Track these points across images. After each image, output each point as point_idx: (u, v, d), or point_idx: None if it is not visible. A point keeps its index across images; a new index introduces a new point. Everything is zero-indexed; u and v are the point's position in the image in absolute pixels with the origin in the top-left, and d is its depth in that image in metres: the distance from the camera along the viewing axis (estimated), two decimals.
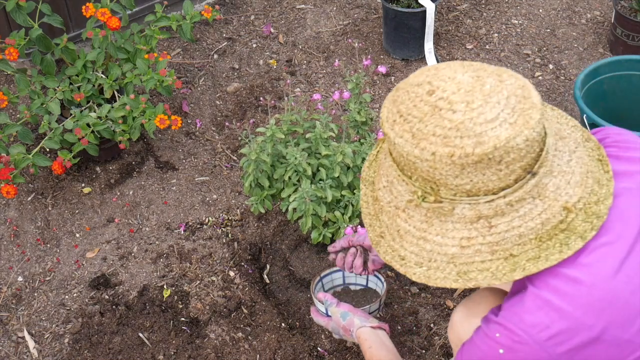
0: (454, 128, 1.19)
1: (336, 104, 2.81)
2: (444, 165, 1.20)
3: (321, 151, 2.13)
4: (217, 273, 2.42)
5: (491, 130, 1.18)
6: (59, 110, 2.52)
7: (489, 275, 1.26)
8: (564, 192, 1.26)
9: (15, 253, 2.52)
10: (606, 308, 1.24)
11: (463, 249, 1.27)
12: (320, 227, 2.17)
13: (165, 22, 2.66)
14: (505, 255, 1.26)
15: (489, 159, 1.19)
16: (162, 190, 2.71)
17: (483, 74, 1.23)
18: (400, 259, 1.33)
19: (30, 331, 2.30)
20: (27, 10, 2.51)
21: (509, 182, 1.23)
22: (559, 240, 1.25)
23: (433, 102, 1.21)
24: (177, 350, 2.22)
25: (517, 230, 1.25)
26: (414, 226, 1.30)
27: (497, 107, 1.19)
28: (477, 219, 1.25)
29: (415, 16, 3.08)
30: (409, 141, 1.22)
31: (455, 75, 1.23)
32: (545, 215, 1.25)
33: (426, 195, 1.26)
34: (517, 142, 1.18)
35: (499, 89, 1.21)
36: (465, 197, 1.24)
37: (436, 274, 1.29)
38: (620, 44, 3.12)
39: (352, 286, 2.21)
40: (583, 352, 1.25)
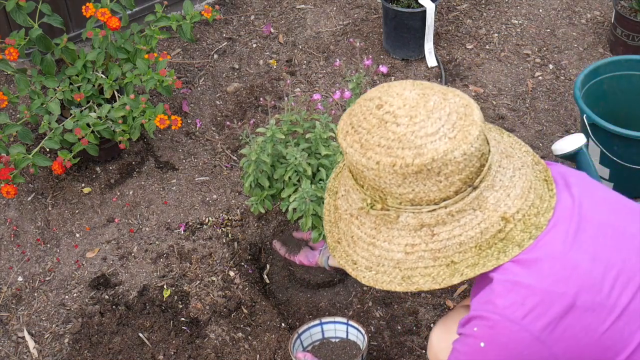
0: (396, 140, 1.28)
1: (336, 104, 2.81)
2: (387, 174, 1.29)
3: (321, 151, 2.13)
4: (217, 273, 2.42)
5: (430, 143, 1.27)
6: (59, 110, 2.52)
7: (430, 280, 1.35)
8: (503, 204, 1.34)
9: (15, 253, 2.52)
10: (571, 275, 1.30)
11: (407, 255, 1.35)
12: (320, 227, 2.17)
13: (165, 22, 2.66)
14: (447, 262, 1.34)
15: (427, 169, 1.27)
16: (162, 190, 2.71)
17: (429, 92, 1.32)
18: (353, 263, 1.42)
19: (30, 331, 2.30)
20: (27, 10, 2.50)
21: (449, 193, 1.31)
22: (498, 248, 1.33)
23: (380, 115, 1.31)
24: (177, 350, 2.22)
25: (458, 239, 1.33)
26: (365, 232, 1.39)
27: (438, 122, 1.28)
28: (420, 227, 1.34)
29: (415, 16, 3.08)
30: (357, 151, 1.32)
31: (403, 92, 1.32)
32: (484, 224, 1.33)
33: (374, 203, 1.35)
34: (454, 155, 1.27)
35: (442, 105, 1.30)
36: (409, 206, 1.33)
37: (383, 277, 1.38)
38: (620, 44, 3.12)
39: (332, 339, 2.19)
40: (562, 324, 1.28)
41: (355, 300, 2.34)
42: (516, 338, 1.28)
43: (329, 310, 2.32)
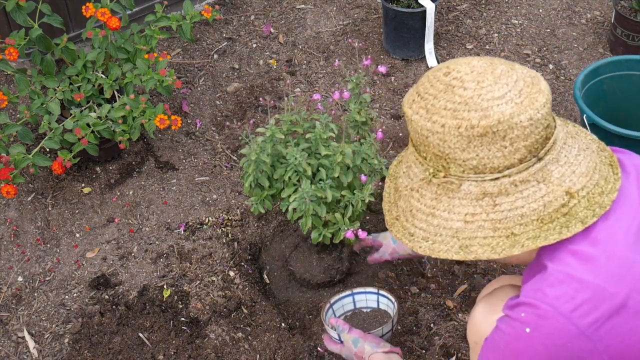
0: (463, 102, 1.29)
1: (336, 104, 2.81)
2: (452, 137, 1.30)
3: (321, 151, 2.13)
4: (217, 273, 2.42)
5: (497, 106, 1.28)
6: (59, 110, 2.52)
7: (489, 250, 1.34)
8: (568, 179, 1.33)
9: (15, 253, 2.52)
10: (625, 275, 1.29)
11: (467, 224, 1.35)
12: (320, 227, 2.17)
13: (165, 22, 2.66)
14: (507, 233, 1.34)
15: (493, 132, 1.28)
16: (162, 190, 2.71)
17: (497, 62, 1.35)
18: (410, 235, 1.43)
19: (30, 331, 2.30)
20: (27, 10, 2.51)
21: (513, 161, 1.31)
22: (560, 223, 1.32)
23: (447, 81, 1.32)
24: (177, 350, 2.22)
25: (520, 211, 1.33)
26: (424, 204, 1.40)
27: (505, 88, 1.29)
28: (483, 196, 1.33)
29: (415, 16, 3.08)
30: (423, 116, 1.33)
31: (471, 61, 1.35)
32: (547, 198, 1.32)
33: (437, 172, 1.36)
34: (520, 119, 1.28)
35: (510, 73, 1.32)
36: (472, 174, 1.33)
37: (440, 246, 1.38)
38: (620, 44, 3.12)
39: (364, 309, 2.20)
40: (610, 322, 1.28)
41: None
42: (562, 330, 1.27)
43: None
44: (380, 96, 3.06)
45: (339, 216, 2.14)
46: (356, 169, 2.16)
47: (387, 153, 2.79)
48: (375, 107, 2.99)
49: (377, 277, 2.39)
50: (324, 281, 2.36)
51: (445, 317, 2.28)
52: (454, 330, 2.24)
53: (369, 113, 2.23)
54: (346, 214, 2.15)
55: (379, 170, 2.20)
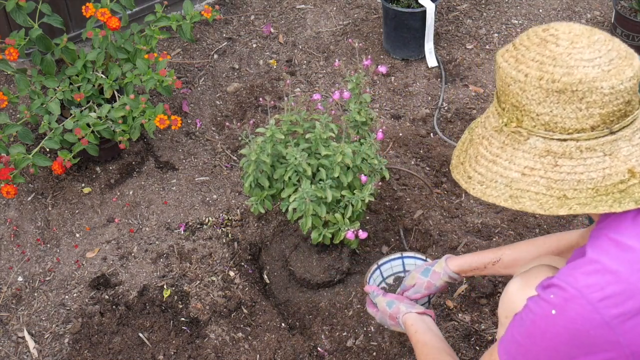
0: (551, 57, 1.32)
1: (336, 104, 2.81)
2: (532, 87, 1.33)
3: (321, 151, 2.13)
4: (217, 273, 2.42)
5: (583, 67, 1.30)
6: (59, 110, 2.52)
7: (537, 205, 1.37)
8: (635, 159, 1.35)
9: (15, 253, 2.52)
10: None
11: (524, 176, 1.38)
12: (320, 227, 2.17)
13: (165, 22, 2.66)
14: (559, 194, 1.36)
15: (572, 91, 1.30)
16: (162, 190, 2.71)
17: (597, 30, 1.36)
18: (468, 177, 1.47)
19: (30, 331, 2.30)
20: (27, 10, 2.51)
21: (585, 126, 1.33)
22: (614, 197, 1.34)
23: (544, 36, 1.35)
24: (177, 350, 2.22)
25: (578, 176, 1.35)
26: (489, 151, 1.43)
27: (596, 53, 1.31)
28: (546, 153, 1.36)
29: (415, 16, 3.08)
30: (511, 64, 1.36)
31: (572, 24, 1.37)
32: (609, 171, 1.34)
33: (509, 122, 1.39)
34: (602, 85, 1.29)
35: (606, 43, 1.33)
36: (542, 131, 1.35)
37: (492, 192, 1.42)
38: None
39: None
40: (636, 318, 1.28)
41: (355, 300, 2.34)
42: (587, 317, 1.28)
43: (328, 310, 2.32)
44: (380, 96, 3.06)
45: (339, 216, 2.14)
46: (356, 169, 2.16)
47: (387, 153, 2.79)
48: (375, 107, 2.99)
49: None
50: (324, 281, 2.36)
51: (445, 317, 2.28)
52: (454, 330, 2.25)
53: (369, 113, 2.23)
54: (346, 214, 2.15)
55: (379, 170, 2.20)
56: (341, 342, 2.24)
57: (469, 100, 3.02)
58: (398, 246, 2.49)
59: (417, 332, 1.86)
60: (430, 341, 1.82)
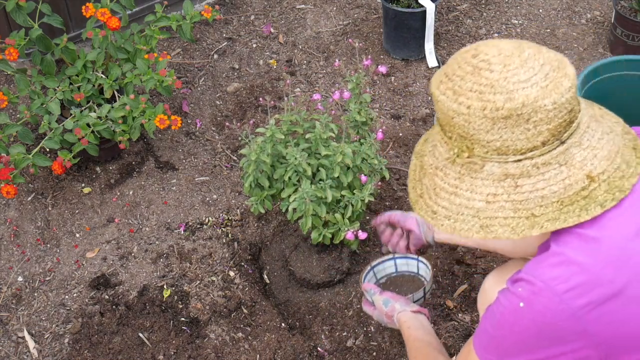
0: (489, 85, 1.31)
1: (336, 104, 2.81)
2: (477, 118, 1.32)
3: (321, 151, 2.13)
4: (217, 273, 2.42)
5: (522, 89, 1.30)
6: (59, 110, 2.52)
7: (509, 230, 1.37)
8: (590, 163, 1.36)
9: (15, 253, 2.52)
10: (625, 265, 1.31)
11: (488, 204, 1.38)
12: (320, 228, 2.17)
13: (165, 22, 2.66)
14: (527, 214, 1.36)
15: (517, 115, 1.30)
16: (162, 190, 2.71)
17: (525, 45, 1.36)
18: (432, 213, 1.45)
19: (30, 331, 2.30)
20: (27, 10, 2.50)
21: (536, 143, 1.33)
22: (580, 205, 1.34)
23: (475, 63, 1.34)
24: (177, 350, 2.22)
25: (541, 192, 1.35)
26: (448, 183, 1.42)
27: (531, 71, 1.31)
28: (505, 177, 1.36)
29: (415, 16, 3.08)
30: (449, 97, 1.35)
31: (499, 43, 1.37)
32: (568, 181, 1.35)
33: (461, 153, 1.38)
34: (545, 103, 1.29)
35: (537, 57, 1.33)
36: (496, 156, 1.35)
37: (461, 225, 1.41)
38: (620, 44, 3.12)
39: (406, 273, 2.21)
40: (603, 308, 1.29)
41: (355, 300, 2.34)
42: (554, 309, 1.30)
43: (328, 310, 2.32)
44: (380, 96, 3.06)
45: (339, 216, 2.14)
46: (356, 169, 2.16)
47: (387, 153, 2.79)
48: (375, 107, 2.99)
49: None
50: (324, 281, 2.36)
51: (445, 317, 2.28)
52: (454, 330, 2.25)
53: (369, 113, 2.23)
54: (346, 214, 2.15)
55: (379, 170, 2.20)
56: (341, 342, 2.24)
57: None
58: None
59: (410, 329, 1.89)
60: (422, 337, 1.85)
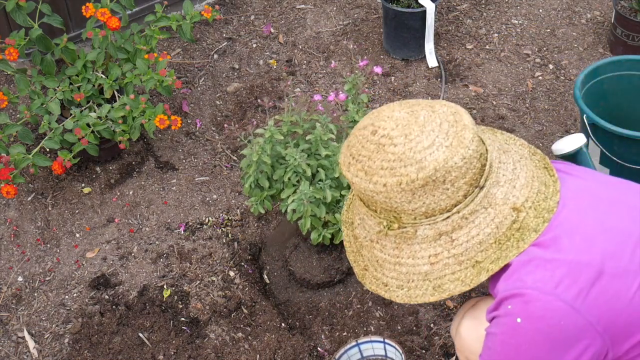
0: (397, 159, 1.33)
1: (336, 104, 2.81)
2: (396, 193, 1.34)
3: (321, 152, 2.13)
4: (217, 273, 2.42)
5: (430, 155, 1.32)
6: (59, 110, 2.53)
7: (460, 284, 1.39)
8: (512, 196, 1.39)
9: (15, 253, 2.52)
10: (592, 245, 1.34)
11: (433, 265, 1.40)
12: (320, 228, 2.17)
13: (165, 22, 2.66)
14: (472, 263, 1.38)
15: (433, 180, 1.32)
16: (162, 190, 2.71)
17: (417, 108, 1.38)
18: (384, 285, 1.46)
19: (30, 331, 2.30)
20: (27, 10, 2.51)
21: (458, 198, 1.36)
22: (516, 238, 1.37)
23: (376, 140, 1.36)
24: (177, 350, 2.22)
25: (477, 239, 1.37)
26: (388, 254, 1.44)
27: (432, 134, 1.33)
28: (439, 236, 1.38)
29: (415, 16, 3.08)
30: (363, 178, 1.36)
31: (392, 113, 1.39)
32: (497, 219, 1.38)
33: (391, 224, 1.40)
34: (455, 161, 1.32)
35: (432, 118, 1.36)
36: (424, 219, 1.37)
37: (415, 292, 1.42)
38: (620, 44, 3.12)
39: (372, 357, 2.17)
40: (593, 291, 1.31)
41: (355, 300, 2.34)
42: (552, 308, 1.30)
43: (328, 310, 2.32)
44: (380, 96, 3.06)
45: (338, 217, 2.15)
46: None
47: None
48: (375, 107, 2.99)
49: None
50: (323, 281, 2.36)
51: (445, 317, 2.28)
52: None
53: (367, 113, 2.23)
54: None
55: None
56: (341, 342, 2.24)
57: (469, 100, 3.02)
58: None
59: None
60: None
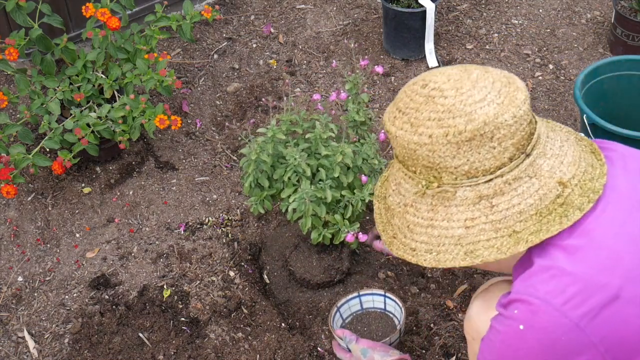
0: (446, 111, 1.31)
1: (336, 104, 2.81)
2: (441, 146, 1.31)
3: (321, 151, 2.13)
4: (217, 273, 2.42)
5: (480, 109, 1.30)
6: (59, 110, 2.53)
7: (495, 251, 1.34)
8: (558, 170, 1.36)
9: (15, 253, 2.52)
10: (616, 267, 1.29)
11: (468, 229, 1.36)
12: (320, 228, 2.17)
13: (165, 22, 2.66)
14: (509, 232, 1.34)
15: (480, 135, 1.29)
16: (162, 190, 2.71)
17: (470, 67, 1.37)
18: (412, 250, 1.42)
19: (30, 331, 2.30)
20: (27, 10, 2.51)
21: (504, 160, 1.33)
22: (558, 213, 1.34)
23: (426, 92, 1.34)
24: (177, 350, 2.22)
25: (518, 208, 1.34)
26: (421, 217, 1.40)
27: (484, 90, 1.31)
28: (479, 199, 1.34)
29: (415, 16, 3.08)
30: (408, 131, 1.33)
31: (445, 70, 1.37)
32: (542, 191, 1.34)
33: (429, 184, 1.36)
34: (505, 118, 1.30)
35: (485, 76, 1.34)
36: (466, 180, 1.34)
37: (445, 256, 1.38)
38: (620, 44, 3.12)
39: (371, 309, 2.20)
40: (604, 313, 1.28)
41: None
42: (555, 323, 1.28)
43: (329, 311, 2.32)
44: (380, 96, 3.06)
45: (338, 217, 2.14)
46: (356, 169, 2.16)
47: (387, 153, 2.80)
48: (375, 107, 2.99)
49: (377, 277, 2.39)
50: (324, 281, 2.36)
51: (445, 317, 2.28)
52: (454, 330, 2.25)
53: (368, 113, 2.23)
54: (346, 214, 2.15)
55: (379, 170, 2.20)
56: None
57: None
58: None
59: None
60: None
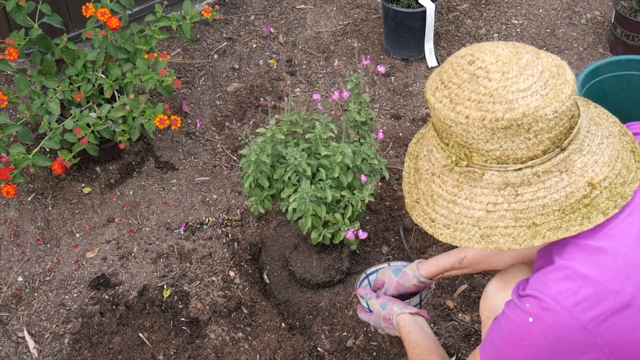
0: (487, 94, 1.28)
1: (336, 104, 2.81)
2: (476, 128, 1.29)
3: (321, 151, 2.13)
4: (217, 273, 2.42)
5: (522, 98, 1.26)
6: (59, 110, 2.52)
7: (510, 240, 1.34)
8: (591, 170, 1.33)
9: (15, 253, 2.52)
10: (632, 274, 1.29)
11: (489, 213, 1.35)
12: (320, 228, 2.17)
13: (165, 22, 2.66)
14: (528, 223, 1.33)
15: (517, 125, 1.27)
16: (162, 190, 2.71)
17: (522, 50, 1.32)
18: (431, 220, 1.41)
19: (30, 331, 2.30)
20: (27, 10, 2.51)
21: (537, 152, 1.30)
22: (582, 214, 1.32)
23: (472, 70, 1.31)
24: (177, 350, 2.22)
25: (542, 201, 1.32)
26: (446, 190, 1.39)
27: (530, 79, 1.28)
28: (505, 186, 1.33)
29: (415, 16, 3.08)
30: (446, 105, 1.31)
31: (496, 49, 1.32)
32: (569, 188, 1.32)
33: (459, 161, 1.34)
34: (545, 112, 1.26)
35: (535, 64, 1.30)
36: (495, 164, 1.32)
37: (461, 235, 1.37)
38: (620, 44, 3.12)
39: None
40: (614, 319, 1.28)
41: (355, 300, 2.34)
42: (564, 323, 1.29)
43: (328, 310, 2.32)
44: (380, 96, 3.06)
45: (338, 216, 2.14)
46: (356, 169, 2.16)
47: (387, 153, 2.80)
48: (375, 107, 2.99)
49: None
50: (324, 281, 2.36)
51: (445, 317, 2.28)
52: (454, 330, 2.25)
53: (369, 113, 2.23)
54: (346, 214, 2.15)
55: (378, 170, 2.20)
56: (341, 342, 2.24)
57: None
58: (398, 246, 2.49)
59: (410, 333, 1.86)
60: (422, 342, 1.82)
